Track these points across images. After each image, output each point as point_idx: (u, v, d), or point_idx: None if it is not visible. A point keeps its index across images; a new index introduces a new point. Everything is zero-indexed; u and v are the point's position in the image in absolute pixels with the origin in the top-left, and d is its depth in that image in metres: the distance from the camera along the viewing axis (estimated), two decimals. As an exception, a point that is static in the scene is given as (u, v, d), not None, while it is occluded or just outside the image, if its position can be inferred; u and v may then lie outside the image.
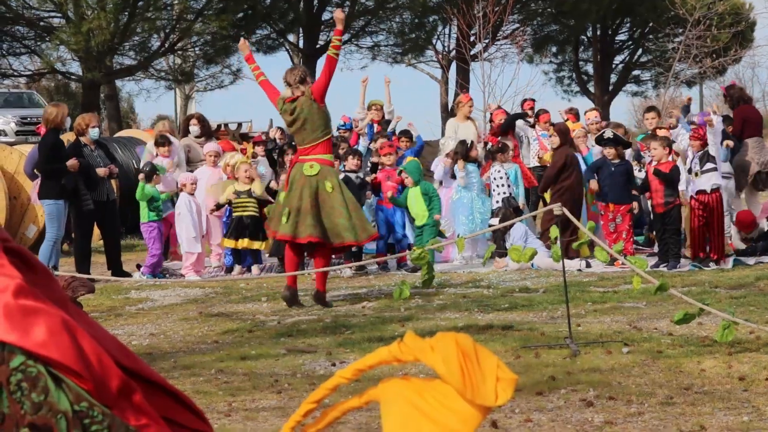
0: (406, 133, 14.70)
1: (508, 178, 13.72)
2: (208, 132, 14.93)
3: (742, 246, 12.84)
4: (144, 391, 2.35)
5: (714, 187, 11.83)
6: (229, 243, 12.74)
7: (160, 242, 12.75)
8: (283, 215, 9.63)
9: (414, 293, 9.84)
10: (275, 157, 14.54)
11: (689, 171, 12.07)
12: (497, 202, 13.45)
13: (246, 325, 8.84)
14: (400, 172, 12.61)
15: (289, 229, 9.57)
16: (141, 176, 12.78)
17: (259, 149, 14.90)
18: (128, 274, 12.41)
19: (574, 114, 16.50)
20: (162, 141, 13.70)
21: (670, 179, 11.89)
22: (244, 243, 12.65)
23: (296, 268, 9.89)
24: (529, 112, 16.25)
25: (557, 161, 12.74)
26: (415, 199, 12.41)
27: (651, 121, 14.12)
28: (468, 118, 14.94)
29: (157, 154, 13.66)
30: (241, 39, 10.60)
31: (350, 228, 9.55)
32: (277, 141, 15.31)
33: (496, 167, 13.72)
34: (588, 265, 12.19)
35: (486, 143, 14.57)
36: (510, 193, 13.57)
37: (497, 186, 13.62)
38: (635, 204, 12.53)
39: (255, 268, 12.85)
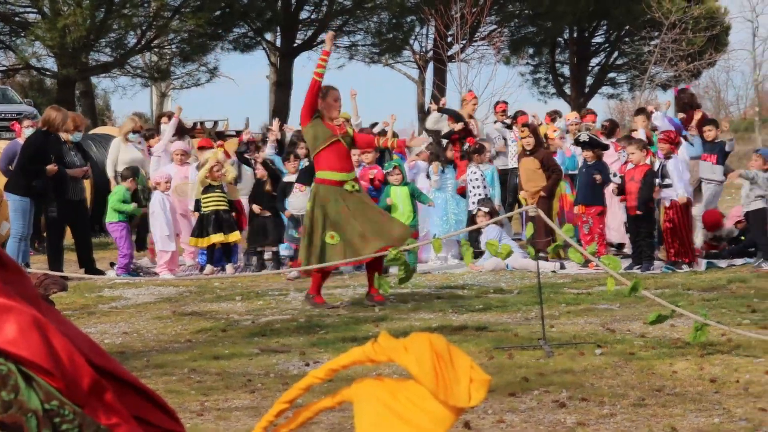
0: (383, 134, 14.70)
1: (484, 179, 13.74)
2: (180, 130, 14.86)
3: (699, 244, 12.94)
4: (115, 390, 2.33)
5: (677, 197, 11.94)
6: (214, 238, 12.64)
7: (129, 241, 12.76)
8: None
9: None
10: (246, 157, 14.48)
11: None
12: (473, 203, 13.47)
13: (219, 325, 8.82)
14: (394, 167, 12.48)
15: None
16: (130, 181, 12.80)
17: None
18: (101, 272, 12.35)
19: (550, 116, 16.52)
20: (150, 134, 13.90)
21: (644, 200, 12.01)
22: (219, 238, 12.62)
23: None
24: (466, 119, 16.15)
25: (552, 164, 12.83)
26: (402, 198, 12.34)
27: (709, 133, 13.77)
28: (470, 116, 15.08)
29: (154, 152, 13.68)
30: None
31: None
32: (248, 143, 15.28)
33: (472, 168, 13.74)
34: (562, 267, 12.22)
35: (463, 144, 14.60)
36: (486, 194, 13.60)
37: (473, 187, 13.64)
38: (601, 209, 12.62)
39: (229, 267, 12.82)
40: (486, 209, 12.89)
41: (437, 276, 12.03)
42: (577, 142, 13.08)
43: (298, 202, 12.28)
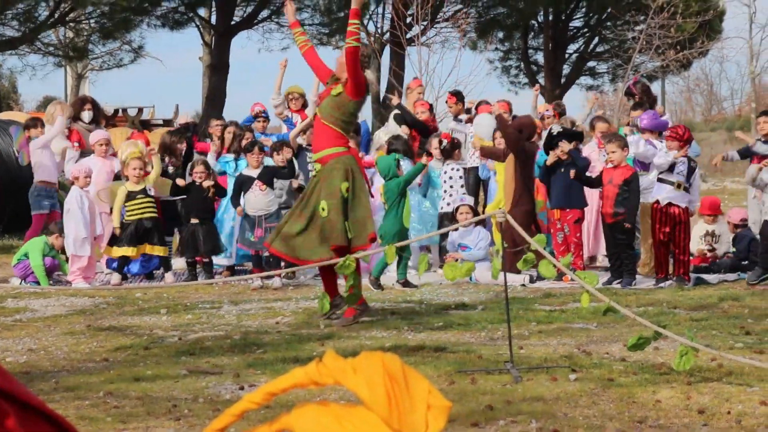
0: None
1: (461, 178, 13.85)
2: (101, 119, 14.75)
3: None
4: (18, 415, 2.31)
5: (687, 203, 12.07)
6: (126, 251, 12.56)
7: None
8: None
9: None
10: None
11: (658, 180, 12.16)
12: (447, 204, 13.50)
13: (141, 341, 8.78)
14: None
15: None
16: (55, 237, 12.68)
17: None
18: None
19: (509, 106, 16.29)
20: (33, 123, 13.76)
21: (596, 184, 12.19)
22: (144, 249, 12.58)
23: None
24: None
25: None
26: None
27: (764, 126, 13.25)
28: (427, 107, 15.14)
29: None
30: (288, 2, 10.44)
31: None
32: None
33: (452, 165, 13.79)
34: (533, 280, 12.23)
35: (441, 140, 14.59)
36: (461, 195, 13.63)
37: (450, 186, 13.68)
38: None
39: (169, 276, 12.73)
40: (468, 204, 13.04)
41: (392, 288, 12.02)
42: (549, 139, 12.88)
43: (257, 201, 12.24)
